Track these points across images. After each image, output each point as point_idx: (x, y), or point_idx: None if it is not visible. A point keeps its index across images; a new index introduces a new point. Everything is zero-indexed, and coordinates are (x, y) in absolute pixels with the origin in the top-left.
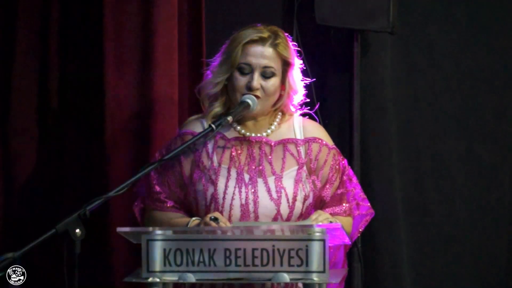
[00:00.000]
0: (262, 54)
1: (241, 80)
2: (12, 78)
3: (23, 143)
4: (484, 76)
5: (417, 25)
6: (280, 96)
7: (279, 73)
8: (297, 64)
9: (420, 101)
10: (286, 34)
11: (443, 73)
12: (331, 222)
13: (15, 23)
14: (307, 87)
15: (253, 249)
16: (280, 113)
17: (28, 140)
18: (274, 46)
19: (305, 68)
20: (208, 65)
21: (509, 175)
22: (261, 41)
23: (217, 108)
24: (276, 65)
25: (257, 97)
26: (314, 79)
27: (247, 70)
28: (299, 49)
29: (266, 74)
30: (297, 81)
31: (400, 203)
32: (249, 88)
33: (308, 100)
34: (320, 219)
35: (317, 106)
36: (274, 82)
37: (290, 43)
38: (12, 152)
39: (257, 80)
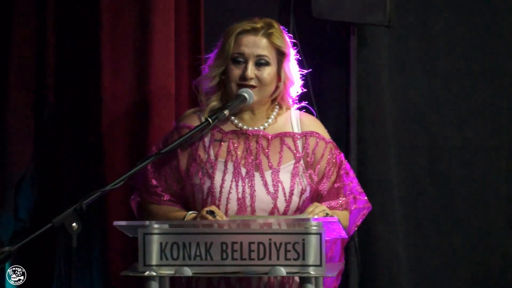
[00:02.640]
0: (255, 43)
1: (236, 71)
2: (9, 73)
3: (20, 139)
4: (482, 70)
5: (414, 18)
6: (277, 88)
7: (274, 63)
8: (293, 54)
9: (417, 95)
10: (282, 27)
11: (440, 67)
12: (327, 214)
13: (12, 19)
14: (303, 80)
15: (250, 243)
16: (277, 106)
17: (25, 135)
18: (267, 35)
19: (301, 61)
20: (205, 62)
21: (506, 170)
22: (254, 31)
23: (214, 102)
24: (270, 54)
25: (252, 86)
26: (310, 69)
27: (241, 59)
28: (294, 40)
29: (260, 63)
30: (293, 71)
31: (397, 197)
32: (244, 78)
33: (305, 90)
34: (317, 211)
35: (316, 109)
36: (269, 71)
37: (285, 34)
38: (9, 147)
39: (251, 70)
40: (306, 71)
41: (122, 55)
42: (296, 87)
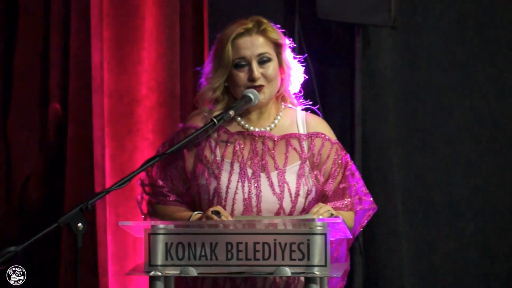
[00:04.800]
0: (253, 44)
1: (241, 75)
2: (14, 74)
3: (24, 137)
4: (486, 69)
5: (419, 19)
6: (282, 81)
7: (275, 57)
8: (287, 43)
9: (421, 95)
10: (272, 22)
11: (443, 67)
12: (332, 214)
13: (17, 17)
14: (308, 81)
15: (255, 243)
16: (283, 106)
17: (29, 133)
18: (261, 32)
19: (307, 63)
20: (199, 74)
21: (510, 168)
22: (247, 32)
23: (220, 111)
24: (269, 50)
25: (261, 86)
26: (306, 54)
27: (243, 63)
28: (283, 30)
29: (263, 61)
30: (291, 58)
31: (401, 197)
32: (252, 80)
33: (307, 77)
34: (321, 212)
35: (321, 109)
36: (273, 66)
37: (275, 26)
38: (13, 146)
39: (256, 70)
40: (311, 72)
41: (127, 56)
42: (298, 74)
